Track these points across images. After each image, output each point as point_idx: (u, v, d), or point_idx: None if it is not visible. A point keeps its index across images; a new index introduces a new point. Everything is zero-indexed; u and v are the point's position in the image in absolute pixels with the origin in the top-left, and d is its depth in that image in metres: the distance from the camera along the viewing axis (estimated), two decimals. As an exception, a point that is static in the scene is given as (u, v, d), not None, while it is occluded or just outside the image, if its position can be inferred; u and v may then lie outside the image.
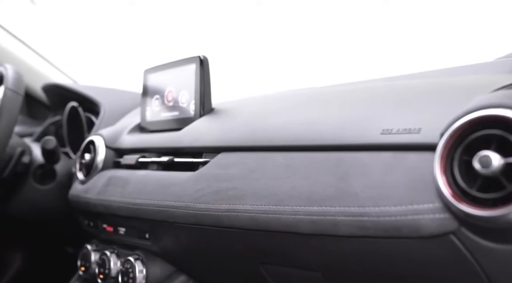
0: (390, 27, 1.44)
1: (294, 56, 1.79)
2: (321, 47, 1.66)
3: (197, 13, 2.20)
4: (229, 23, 2.05)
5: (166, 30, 2.25)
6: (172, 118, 0.89)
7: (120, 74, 2.23)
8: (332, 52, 1.62)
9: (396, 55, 1.53)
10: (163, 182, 0.75)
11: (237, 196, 0.61)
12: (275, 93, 0.88)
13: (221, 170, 0.67)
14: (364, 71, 1.63)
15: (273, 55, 1.85)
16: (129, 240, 0.85)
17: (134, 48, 2.34)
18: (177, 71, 0.90)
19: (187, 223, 0.68)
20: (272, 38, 1.87)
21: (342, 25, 1.59)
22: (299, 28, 1.77)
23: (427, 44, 1.33)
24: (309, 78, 1.73)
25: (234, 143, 0.69)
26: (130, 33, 2.36)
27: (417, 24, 1.38)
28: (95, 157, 0.95)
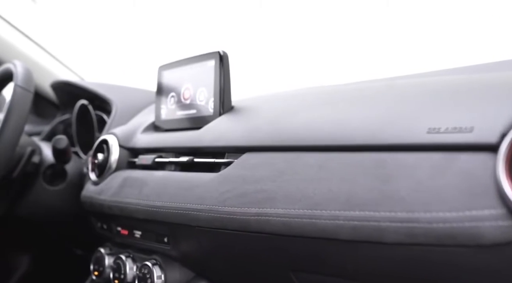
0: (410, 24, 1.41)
1: (302, 54, 1.75)
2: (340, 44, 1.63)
3: (200, 12, 2.17)
4: (235, 19, 2.02)
5: (171, 27, 2.22)
6: (189, 116, 0.86)
7: (125, 71, 2.20)
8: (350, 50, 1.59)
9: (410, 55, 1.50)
10: (184, 183, 0.71)
11: (267, 199, 0.58)
12: (298, 90, 0.84)
13: (248, 171, 0.63)
14: (370, 72, 1.60)
15: (280, 53, 1.81)
16: (145, 244, 0.82)
17: (141, 45, 2.31)
18: (195, 67, 0.86)
19: (211, 227, 0.65)
20: (276, 36, 1.83)
21: (365, 22, 1.56)
22: (303, 25, 1.74)
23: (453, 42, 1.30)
24: (314, 76, 1.69)
25: (259, 143, 0.66)
26: (136, 30, 2.33)
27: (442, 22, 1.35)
28: (109, 157, 0.91)
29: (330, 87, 0.77)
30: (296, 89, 0.94)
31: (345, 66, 1.70)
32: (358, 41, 1.71)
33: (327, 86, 0.81)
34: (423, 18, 1.49)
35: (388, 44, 1.60)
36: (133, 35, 2.36)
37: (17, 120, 0.87)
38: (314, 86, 0.92)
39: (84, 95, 1.20)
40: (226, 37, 2.04)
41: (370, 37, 1.68)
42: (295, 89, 0.92)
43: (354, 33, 1.71)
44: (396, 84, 0.62)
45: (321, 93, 0.72)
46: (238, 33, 2.01)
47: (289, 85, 1.38)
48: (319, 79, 1.67)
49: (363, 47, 1.71)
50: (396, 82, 0.64)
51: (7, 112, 0.87)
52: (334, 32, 1.74)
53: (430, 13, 1.47)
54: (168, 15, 2.26)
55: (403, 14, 1.59)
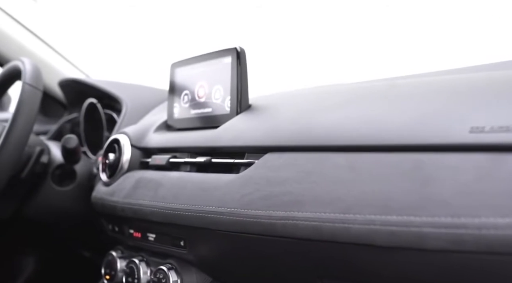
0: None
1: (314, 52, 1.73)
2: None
3: (204, 9, 2.14)
4: (235, 18, 2.00)
5: (175, 24, 2.19)
6: (204, 115, 0.83)
7: (129, 69, 2.17)
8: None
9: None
10: (202, 184, 0.68)
11: (294, 201, 0.55)
12: (315, 88, 0.81)
13: (271, 172, 0.60)
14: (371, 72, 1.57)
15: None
16: (159, 247, 0.79)
17: (145, 43, 2.28)
18: (210, 64, 0.83)
19: (232, 230, 0.62)
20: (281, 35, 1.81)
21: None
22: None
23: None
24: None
25: (282, 142, 0.63)
26: (139, 28, 2.30)
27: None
28: (120, 157, 0.89)
29: (352, 85, 0.74)
30: (313, 87, 0.91)
31: (348, 66, 1.68)
32: (365, 39, 1.69)
33: (348, 84, 0.78)
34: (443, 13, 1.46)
35: (397, 43, 1.57)
36: (136, 33, 2.33)
37: (26, 119, 0.85)
38: (332, 84, 0.89)
39: (92, 94, 1.17)
40: (225, 35, 2.02)
41: (377, 34, 1.66)
42: (311, 87, 0.89)
43: (359, 31, 1.69)
44: (430, 81, 0.59)
45: (344, 91, 0.69)
46: (238, 32, 1.99)
47: (292, 84, 1.35)
48: (317, 79, 1.65)
49: (372, 46, 1.68)
50: (429, 79, 0.61)
51: (16, 111, 0.85)
52: (335, 31, 1.71)
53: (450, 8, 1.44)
54: (173, 12, 2.24)
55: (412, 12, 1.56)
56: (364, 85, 0.69)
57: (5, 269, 1.32)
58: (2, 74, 1.02)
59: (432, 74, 0.77)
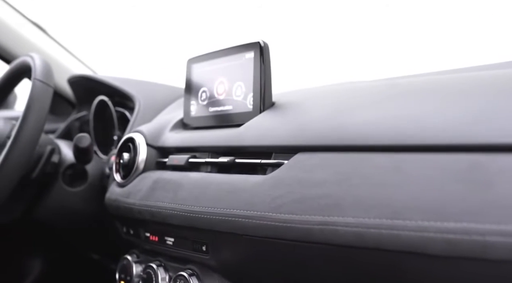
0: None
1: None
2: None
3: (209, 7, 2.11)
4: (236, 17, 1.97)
5: (180, 21, 2.16)
6: (223, 113, 0.79)
7: (134, 67, 2.13)
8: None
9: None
10: (226, 186, 0.64)
11: (333, 205, 0.51)
12: (344, 85, 0.77)
13: (304, 174, 0.56)
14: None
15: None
16: (178, 252, 0.75)
17: (148, 41, 2.25)
18: (230, 60, 0.79)
19: (262, 236, 0.58)
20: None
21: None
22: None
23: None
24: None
25: (315, 142, 0.59)
26: (143, 25, 2.27)
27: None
28: (136, 157, 0.85)
29: (382, 82, 0.69)
30: (337, 84, 0.87)
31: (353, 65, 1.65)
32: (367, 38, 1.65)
33: (376, 81, 0.74)
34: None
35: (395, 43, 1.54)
36: (138, 31, 2.30)
37: (37, 116, 0.81)
38: (357, 81, 0.85)
39: (103, 91, 1.13)
40: (224, 34, 1.98)
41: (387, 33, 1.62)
42: (335, 84, 0.85)
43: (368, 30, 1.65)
44: (479, 76, 0.55)
45: (376, 88, 0.65)
46: (236, 31, 1.95)
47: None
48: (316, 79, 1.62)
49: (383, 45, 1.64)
50: (478, 74, 0.57)
51: (26, 108, 0.81)
52: (335, 31, 1.68)
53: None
54: (174, 11, 2.21)
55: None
56: (395, 81, 0.65)
57: (12, 270, 1.28)
58: (11, 70, 0.98)
59: (463, 70, 0.73)
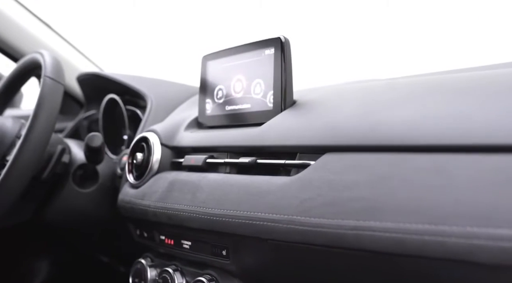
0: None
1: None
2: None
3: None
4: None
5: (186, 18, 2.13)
6: (241, 112, 0.76)
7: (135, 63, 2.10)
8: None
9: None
10: (250, 188, 0.61)
11: (368, 209, 0.48)
12: (370, 82, 0.74)
13: (334, 175, 0.53)
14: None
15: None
16: (196, 256, 0.72)
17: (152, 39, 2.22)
18: (249, 56, 0.76)
19: (289, 240, 0.55)
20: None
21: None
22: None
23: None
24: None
25: (345, 141, 0.55)
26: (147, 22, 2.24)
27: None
28: (150, 157, 0.82)
29: (411, 79, 0.66)
30: (359, 81, 0.84)
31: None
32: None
33: (402, 78, 0.70)
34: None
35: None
36: (140, 29, 2.27)
37: (48, 115, 0.78)
38: (381, 78, 0.82)
39: (113, 89, 1.10)
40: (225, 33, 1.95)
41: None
42: (359, 81, 0.82)
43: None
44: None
45: (409, 85, 0.61)
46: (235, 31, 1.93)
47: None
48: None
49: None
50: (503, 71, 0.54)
51: (37, 106, 0.78)
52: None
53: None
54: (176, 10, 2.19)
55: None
56: (425, 79, 0.62)
57: (19, 272, 1.25)
58: (20, 67, 0.95)
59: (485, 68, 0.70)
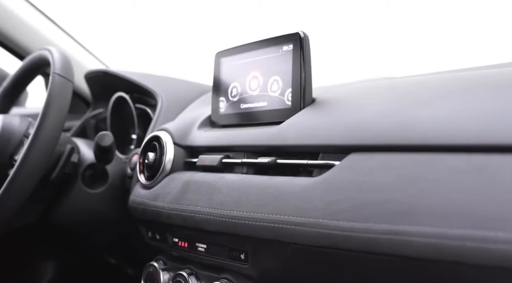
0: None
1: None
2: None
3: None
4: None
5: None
6: (258, 110, 0.73)
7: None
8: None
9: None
10: (271, 190, 0.59)
11: (402, 212, 0.45)
12: (392, 79, 0.71)
13: (363, 176, 0.51)
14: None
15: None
16: (212, 260, 0.69)
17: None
18: (265, 53, 0.74)
19: (314, 245, 0.52)
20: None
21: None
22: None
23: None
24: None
25: (373, 141, 0.53)
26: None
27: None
28: (162, 156, 0.79)
29: (438, 75, 0.64)
30: (379, 78, 0.82)
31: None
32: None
33: (430, 75, 0.68)
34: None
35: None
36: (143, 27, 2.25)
37: (57, 113, 0.75)
38: (403, 76, 0.79)
39: (121, 87, 1.07)
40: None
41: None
42: (379, 78, 0.80)
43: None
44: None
45: (436, 82, 0.59)
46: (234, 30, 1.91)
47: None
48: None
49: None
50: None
51: (46, 104, 0.75)
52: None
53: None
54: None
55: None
56: (457, 75, 0.60)
57: (25, 274, 1.23)
58: (26, 65, 0.92)
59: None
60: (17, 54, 1.23)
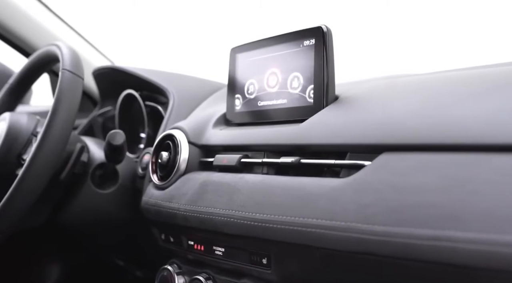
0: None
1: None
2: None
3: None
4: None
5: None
6: (277, 108, 0.70)
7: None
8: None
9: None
10: (297, 191, 0.56)
11: (446, 216, 0.42)
12: (422, 76, 0.68)
13: (399, 177, 0.47)
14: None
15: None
16: (230, 264, 0.66)
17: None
18: (284, 48, 0.71)
19: (345, 250, 0.49)
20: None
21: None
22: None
23: None
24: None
25: (408, 140, 0.50)
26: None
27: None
28: (176, 156, 0.76)
29: (469, 71, 0.61)
30: (407, 75, 0.78)
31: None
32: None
33: (469, 69, 0.64)
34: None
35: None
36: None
37: (68, 111, 0.72)
38: (431, 72, 0.76)
39: (130, 84, 1.04)
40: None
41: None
42: (407, 75, 0.76)
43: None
44: None
45: (473, 78, 0.56)
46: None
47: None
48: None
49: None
50: None
51: (56, 101, 0.72)
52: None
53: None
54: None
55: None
56: (498, 70, 0.56)
57: (29, 276, 1.20)
58: (34, 60, 0.89)
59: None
60: (22, 50, 1.20)
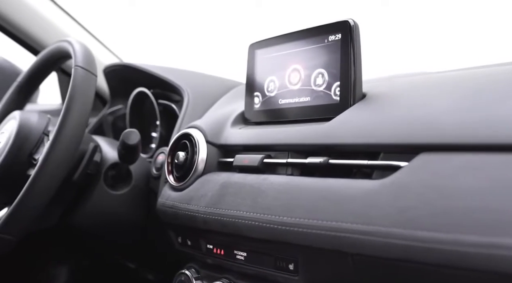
0: None
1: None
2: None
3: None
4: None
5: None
6: (300, 106, 0.67)
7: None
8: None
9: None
10: (327, 193, 0.52)
11: (500, 221, 0.39)
12: (449, 73, 0.65)
13: (443, 180, 0.44)
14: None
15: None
16: (253, 269, 0.63)
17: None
18: (307, 43, 0.68)
19: (384, 257, 0.46)
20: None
21: None
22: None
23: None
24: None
25: (449, 139, 0.47)
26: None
27: None
28: (194, 156, 0.73)
29: (499, 68, 0.58)
30: (436, 72, 0.75)
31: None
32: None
33: (487, 67, 0.62)
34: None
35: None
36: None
37: (81, 109, 0.69)
38: (460, 68, 0.73)
39: (142, 82, 1.01)
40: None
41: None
42: (435, 72, 0.73)
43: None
44: None
45: (506, 74, 0.53)
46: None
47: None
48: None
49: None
50: None
51: (69, 99, 0.69)
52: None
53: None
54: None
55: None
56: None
57: (37, 279, 1.17)
58: (44, 57, 0.86)
59: None
60: (31, 47, 1.17)
